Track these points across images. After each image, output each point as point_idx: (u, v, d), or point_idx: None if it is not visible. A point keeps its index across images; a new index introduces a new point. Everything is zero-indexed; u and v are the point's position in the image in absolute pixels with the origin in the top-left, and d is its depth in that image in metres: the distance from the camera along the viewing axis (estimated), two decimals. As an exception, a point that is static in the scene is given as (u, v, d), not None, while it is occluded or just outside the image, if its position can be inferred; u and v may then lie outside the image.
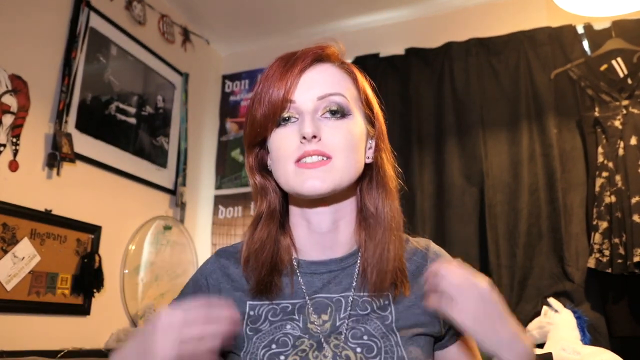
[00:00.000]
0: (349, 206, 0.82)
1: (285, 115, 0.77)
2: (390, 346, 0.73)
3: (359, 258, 0.80)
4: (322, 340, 0.74)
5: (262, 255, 0.78)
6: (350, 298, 0.77)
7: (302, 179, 0.74)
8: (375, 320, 0.76)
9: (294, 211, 0.83)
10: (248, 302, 0.79)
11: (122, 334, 2.17)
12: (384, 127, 0.85)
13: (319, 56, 0.80)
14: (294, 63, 0.78)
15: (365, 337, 0.74)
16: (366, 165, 0.82)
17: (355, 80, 0.82)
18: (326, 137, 0.75)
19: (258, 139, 0.81)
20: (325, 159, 0.74)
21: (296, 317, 0.76)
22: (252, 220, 0.82)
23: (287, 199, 0.84)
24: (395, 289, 0.78)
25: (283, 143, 0.76)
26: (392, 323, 0.76)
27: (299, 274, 0.80)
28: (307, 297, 0.78)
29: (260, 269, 0.78)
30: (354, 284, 0.79)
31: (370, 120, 0.83)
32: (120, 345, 2.10)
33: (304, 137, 0.74)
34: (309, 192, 0.74)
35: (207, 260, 0.88)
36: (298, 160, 0.75)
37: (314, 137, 0.74)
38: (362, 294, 0.78)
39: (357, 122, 0.79)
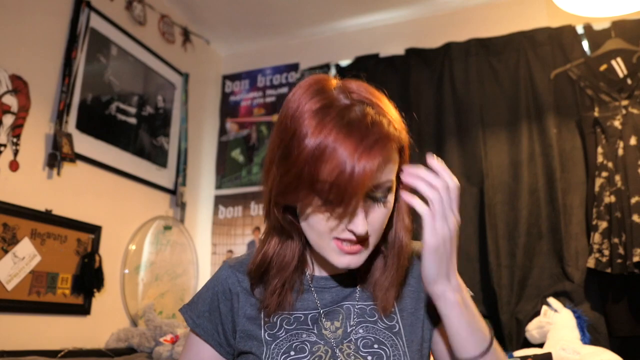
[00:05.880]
0: None
1: None
2: (398, 355, 0.76)
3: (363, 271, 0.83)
4: (335, 347, 0.77)
5: (284, 273, 0.80)
6: (358, 306, 0.81)
7: (339, 257, 0.73)
8: (384, 330, 0.79)
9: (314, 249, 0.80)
10: (263, 310, 0.82)
11: (122, 334, 2.17)
12: (407, 156, 0.78)
13: (386, 137, 0.70)
14: (363, 139, 0.66)
15: (375, 346, 0.77)
16: None
17: (398, 143, 0.75)
18: (368, 221, 0.71)
19: (293, 200, 0.73)
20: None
21: (310, 326, 0.80)
22: (264, 236, 0.82)
23: None
24: (397, 299, 0.81)
25: (324, 217, 0.71)
26: (400, 330, 0.79)
27: (313, 290, 0.83)
28: (320, 310, 0.81)
29: (275, 288, 0.80)
30: (359, 293, 0.83)
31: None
32: (120, 345, 2.12)
33: (352, 232, 0.70)
34: (343, 268, 0.74)
35: (219, 270, 0.88)
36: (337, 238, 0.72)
37: None
38: (368, 303, 0.82)
39: (393, 193, 0.74)
